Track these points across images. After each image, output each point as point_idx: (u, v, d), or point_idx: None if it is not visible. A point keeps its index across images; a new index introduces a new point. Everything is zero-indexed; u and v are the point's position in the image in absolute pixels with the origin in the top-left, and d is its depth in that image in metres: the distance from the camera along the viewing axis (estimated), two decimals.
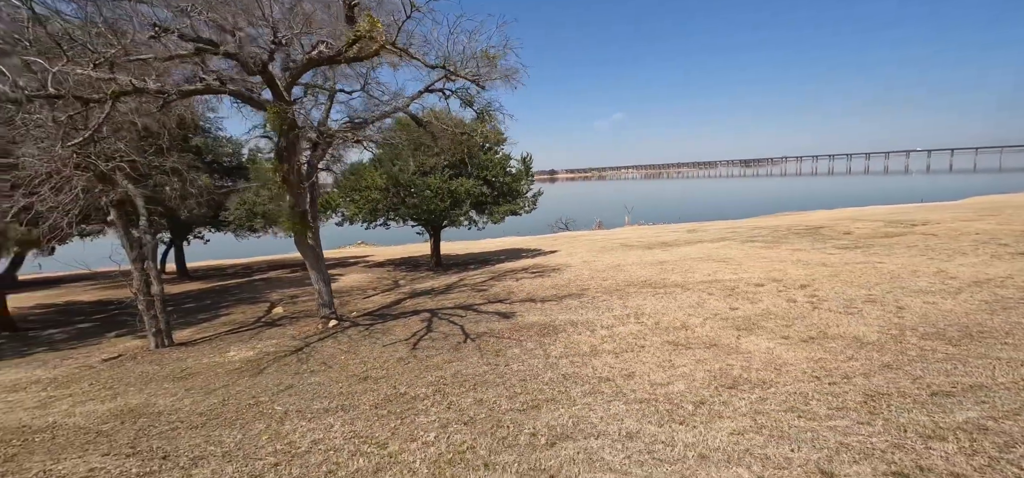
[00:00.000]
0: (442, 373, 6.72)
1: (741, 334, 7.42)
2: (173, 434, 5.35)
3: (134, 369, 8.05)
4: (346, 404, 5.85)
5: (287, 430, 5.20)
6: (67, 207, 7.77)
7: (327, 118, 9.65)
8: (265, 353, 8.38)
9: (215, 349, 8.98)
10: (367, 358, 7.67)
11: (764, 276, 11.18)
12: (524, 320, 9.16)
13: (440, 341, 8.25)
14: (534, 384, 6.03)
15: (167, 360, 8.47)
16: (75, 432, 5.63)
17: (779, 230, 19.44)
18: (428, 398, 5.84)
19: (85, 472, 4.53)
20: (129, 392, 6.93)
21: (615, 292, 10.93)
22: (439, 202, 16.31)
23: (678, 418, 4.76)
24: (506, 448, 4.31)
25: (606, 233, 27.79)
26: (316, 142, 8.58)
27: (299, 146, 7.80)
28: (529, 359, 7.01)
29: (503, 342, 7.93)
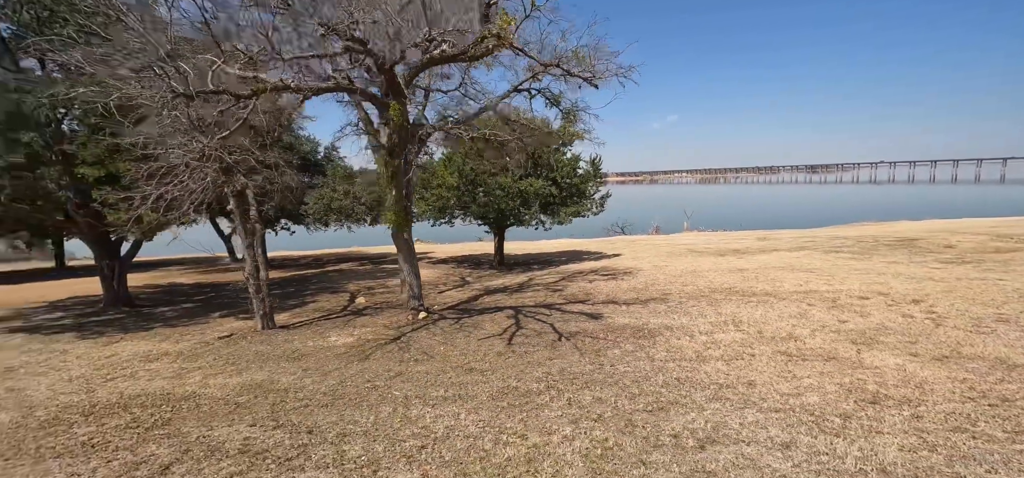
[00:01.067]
0: (547, 369, 6.68)
1: (860, 348, 6.94)
2: (306, 411, 5.60)
3: (248, 348, 8.54)
4: (462, 394, 5.92)
5: (415, 414, 5.31)
6: (197, 196, 8.37)
7: (422, 115, 9.89)
8: (364, 340, 8.66)
9: (316, 334, 9.39)
10: (465, 350, 7.77)
11: (865, 289, 10.44)
12: (614, 322, 8.99)
13: (534, 338, 8.23)
14: (649, 386, 5.88)
15: (275, 341, 8.93)
16: (215, 402, 6.01)
17: (864, 241, 18.16)
18: (544, 393, 5.81)
19: (240, 441, 4.81)
20: (251, 369, 7.35)
21: (701, 298, 10.54)
22: (509, 202, 16.39)
23: (829, 430, 4.47)
24: (653, 448, 4.19)
25: (666, 238, 27.02)
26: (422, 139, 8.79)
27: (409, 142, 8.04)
28: (633, 361, 6.85)
29: (600, 343, 7.80)
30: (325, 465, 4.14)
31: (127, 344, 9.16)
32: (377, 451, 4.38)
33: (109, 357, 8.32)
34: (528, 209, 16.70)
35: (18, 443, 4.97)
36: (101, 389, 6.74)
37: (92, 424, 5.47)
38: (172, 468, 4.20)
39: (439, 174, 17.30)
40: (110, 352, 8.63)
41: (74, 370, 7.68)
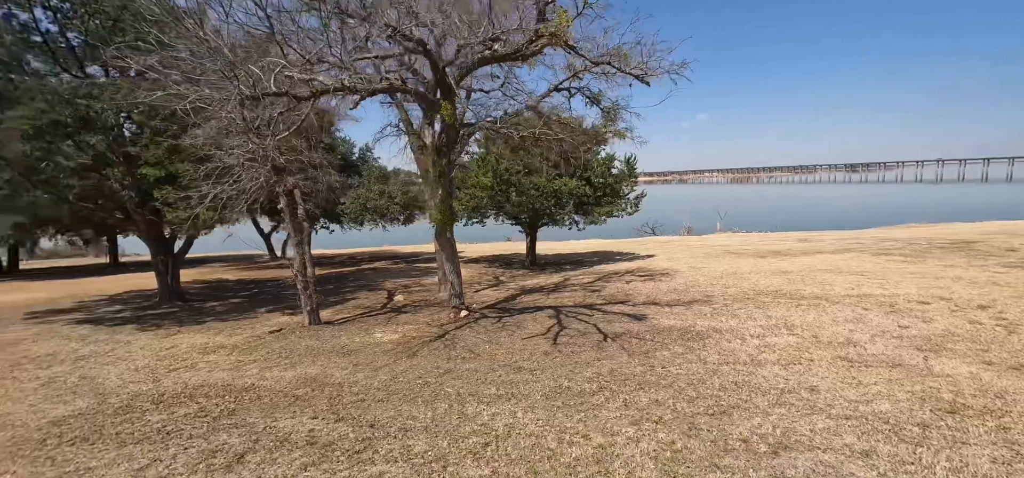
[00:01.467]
0: (597, 370, 6.60)
1: (927, 355, 6.60)
2: (364, 405, 5.70)
3: (298, 342, 8.76)
4: (515, 392, 5.91)
5: (471, 412, 5.33)
6: (250, 195, 8.65)
7: (463, 115, 9.96)
8: (409, 337, 8.77)
9: (361, 330, 9.56)
10: (511, 349, 7.76)
11: (924, 293, 9.94)
12: (659, 323, 8.83)
13: (578, 338, 8.16)
14: (705, 389, 5.73)
15: (323, 336, 9.14)
16: (275, 394, 6.19)
17: (915, 243, 17.31)
18: (597, 393, 5.74)
19: (306, 433, 4.92)
20: (304, 363, 7.54)
21: (747, 301, 10.25)
22: (543, 201, 16.34)
23: (909, 439, 4.26)
24: (724, 452, 4.08)
25: (700, 239, 26.43)
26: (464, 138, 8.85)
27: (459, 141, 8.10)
28: (685, 364, 6.70)
29: (647, 344, 7.67)
30: (393, 459, 4.19)
31: (184, 337, 9.54)
32: (442, 447, 4.41)
33: (169, 349, 8.69)
34: (562, 209, 16.61)
35: (99, 428, 5.23)
36: (166, 379, 7.03)
37: (163, 412, 5.70)
38: (246, 457, 4.34)
39: (473, 174, 17.39)
40: (170, 344, 9.01)
41: (139, 360, 8.05)
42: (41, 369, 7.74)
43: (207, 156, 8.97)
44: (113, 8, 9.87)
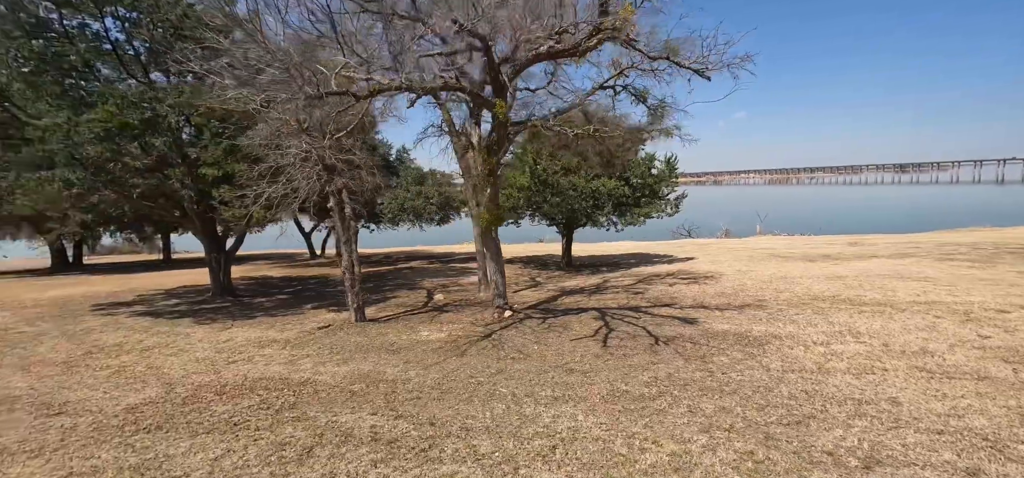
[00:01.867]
0: (653, 373, 6.39)
1: (1017, 368, 6.07)
2: (420, 403, 5.68)
3: (347, 339, 8.88)
4: (571, 395, 5.77)
5: (530, 413, 5.22)
6: (303, 193, 8.84)
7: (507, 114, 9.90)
8: (455, 337, 8.75)
9: (406, 328, 9.62)
10: (560, 351, 7.62)
11: (1002, 302, 9.23)
12: (712, 327, 8.51)
13: (628, 341, 7.94)
14: (774, 397, 5.44)
15: (370, 333, 9.24)
16: (331, 389, 6.25)
17: (981, 248, 16.18)
18: (657, 398, 5.54)
19: (369, 429, 4.93)
20: (355, 359, 7.61)
21: (803, 306, 9.76)
22: (582, 202, 16.12)
23: (1017, 457, 3.89)
24: (811, 465, 3.83)
25: (741, 242, 25.56)
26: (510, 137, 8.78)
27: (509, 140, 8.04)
28: (746, 370, 6.40)
29: (702, 348, 7.39)
30: (461, 459, 4.13)
31: (238, 331, 9.83)
32: (508, 448, 4.32)
33: (226, 342, 8.96)
34: (601, 210, 16.34)
35: (169, 417, 5.39)
36: (226, 371, 7.23)
37: (227, 403, 5.85)
38: (314, 450, 4.37)
39: (510, 174, 17.34)
40: (226, 337, 9.30)
41: (199, 352, 8.33)
42: (111, 358, 8.10)
43: (259, 157, 9.24)
44: (176, 16, 10.30)
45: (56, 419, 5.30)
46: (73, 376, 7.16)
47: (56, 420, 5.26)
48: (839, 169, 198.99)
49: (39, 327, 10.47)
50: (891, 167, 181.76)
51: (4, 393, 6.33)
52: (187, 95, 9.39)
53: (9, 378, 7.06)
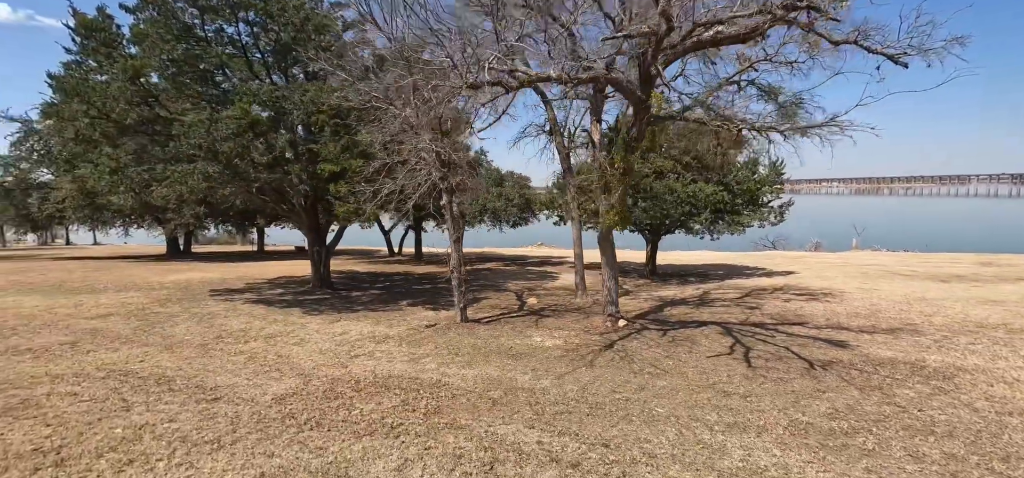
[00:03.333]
0: (830, 404, 5.50)
1: None
2: (571, 417, 5.17)
3: (460, 340, 8.59)
4: (742, 421, 5.03)
5: (709, 439, 4.56)
6: (422, 190, 8.69)
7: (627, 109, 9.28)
8: (574, 345, 8.21)
9: (514, 332, 9.20)
10: (701, 369, 6.87)
11: None
12: (870, 353, 7.40)
13: (776, 363, 7.04)
14: (1007, 445, 4.43)
15: (480, 335, 8.91)
16: (469, 394, 5.89)
17: None
18: (854, 434, 4.69)
19: (535, 443, 4.48)
20: (478, 362, 7.26)
21: (971, 334, 8.35)
22: (677, 207, 15.12)
23: None
24: None
25: (839, 257, 23.23)
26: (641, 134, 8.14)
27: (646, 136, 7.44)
28: (947, 408, 5.36)
29: (871, 377, 6.36)
30: None
31: (348, 324, 9.86)
32: None
33: (341, 335, 8.96)
34: (697, 216, 15.23)
35: (322, 413, 5.22)
36: (352, 365, 7.11)
37: (369, 401, 5.63)
38: (496, 468, 3.96)
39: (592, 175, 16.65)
40: (339, 330, 9.32)
41: (319, 343, 8.34)
42: (240, 344, 8.29)
43: (370, 153, 9.25)
44: (298, 19, 10.60)
45: (215, 406, 5.29)
46: (212, 359, 7.33)
47: (216, 407, 5.24)
48: (942, 178, 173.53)
49: (170, 309, 11.10)
50: (1008, 177, 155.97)
51: (159, 372, 6.52)
52: (312, 93, 9.57)
53: (158, 357, 7.33)
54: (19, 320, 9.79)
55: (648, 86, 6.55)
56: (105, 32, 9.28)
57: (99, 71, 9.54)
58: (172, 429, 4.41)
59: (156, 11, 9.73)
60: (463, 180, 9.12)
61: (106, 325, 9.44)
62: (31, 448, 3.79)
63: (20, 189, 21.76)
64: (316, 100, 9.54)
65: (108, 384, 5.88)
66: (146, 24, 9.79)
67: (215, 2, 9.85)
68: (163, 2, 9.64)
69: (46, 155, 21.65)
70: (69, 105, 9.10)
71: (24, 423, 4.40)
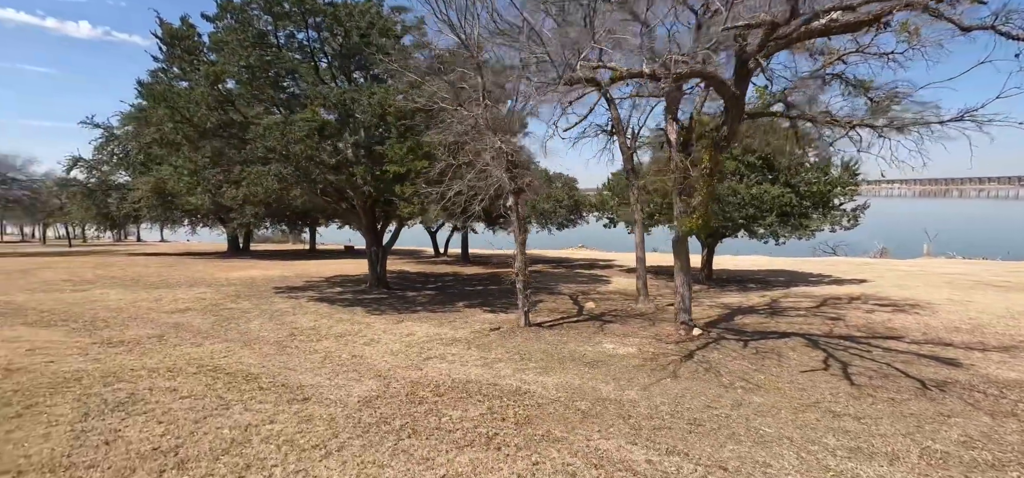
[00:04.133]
0: (962, 431, 4.90)
1: None
2: (671, 433, 4.82)
3: (528, 345, 8.35)
4: (866, 447, 4.53)
5: (835, 466, 4.11)
6: (490, 191, 8.52)
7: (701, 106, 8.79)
8: (650, 354, 7.82)
9: (580, 337, 8.89)
10: (798, 384, 6.34)
11: None
12: (990, 373, 6.64)
13: (880, 381, 6.41)
14: None
15: (547, 339, 8.66)
16: (555, 404, 5.63)
17: None
18: (1005, 467, 4.12)
19: (644, 463, 4.17)
20: (554, 369, 7.00)
21: None
22: (740, 210, 14.36)
23: None
24: None
25: (913, 264, 21.54)
26: None
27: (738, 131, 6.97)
28: None
29: (1003, 402, 5.67)
30: None
31: (412, 325, 9.83)
32: None
33: (408, 335, 8.92)
34: (763, 219, 14.41)
35: (413, 419, 5.10)
36: (427, 368, 7.00)
37: (455, 407, 5.47)
38: None
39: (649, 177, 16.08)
40: (405, 331, 9.30)
41: (388, 344, 8.31)
42: (313, 342, 8.37)
43: (434, 155, 9.16)
44: (364, 24, 10.70)
45: (307, 407, 5.27)
46: (290, 358, 7.40)
47: (308, 408, 5.22)
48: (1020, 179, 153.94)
49: (241, 305, 11.45)
50: None
51: (244, 368, 6.63)
52: (380, 95, 9.61)
53: (239, 353, 7.47)
54: (109, 313, 10.33)
55: (744, 82, 6.09)
56: (188, 40, 9.68)
57: (182, 77, 9.95)
58: (275, 431, 4.39)
59: (234, 19, 10.05)
60: (532, 181, 8.89)
61: (186, 319, 9.80)
62: (150, 447, 3.83)
63: (101, 190, 23.37)
64: (384, 102, 9.57)
65: (201, 380, 5.99)
66: (224, 32, 10.14)
67: (288, 8, 10.08)
68: (241, 10, 9.96)
69: (124, 158, 23.15)
70: (156, 110, 9.53)
71: (136, 419, 4.49)
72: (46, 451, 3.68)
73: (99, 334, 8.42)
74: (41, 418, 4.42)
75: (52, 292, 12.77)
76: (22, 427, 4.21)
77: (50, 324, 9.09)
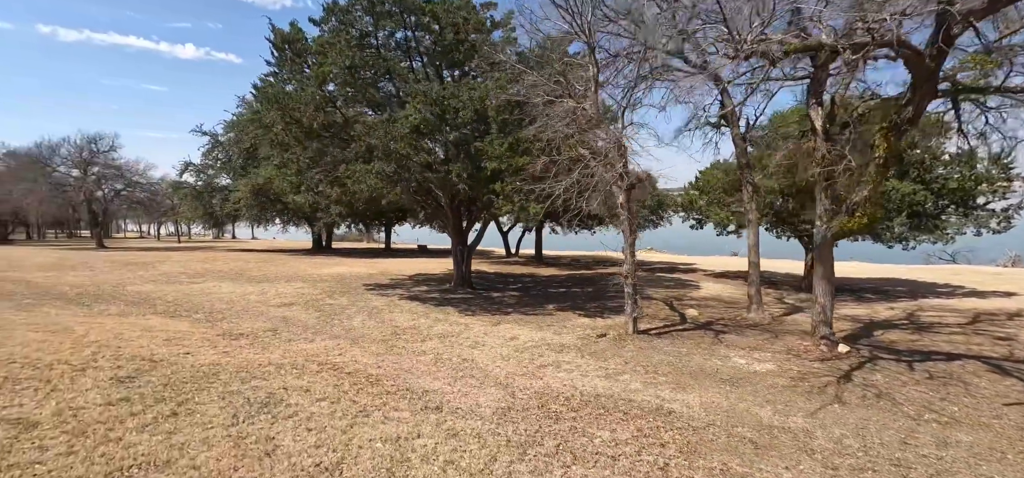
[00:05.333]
0: None
1: None
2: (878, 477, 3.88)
3: (647, 356, 7.56)
4: None
5: None
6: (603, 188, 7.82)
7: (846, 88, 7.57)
8: (791, 371, 6.77)
9: (701, 350, 7.97)
10: (1017, 422, 5.09)
11: None
12: None
13: None
14: None
15: (664, 350, 7.82)
16: (711, 428, 4.82)
17: None
18: None
19: None
20: (689, 385, 6.17)
21: None
22: None
23: None
24: None
25: None
26: None
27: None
28: None
29: None
30: None
31: (511, 327, 9.35)
32: None
33: (511, 339, 8.42)
34: (889, 220, 12.57)
35: (561, 442, 4.51)
36: (547, 377, 6.42)
37: (600, 427, 4.82)
38: None
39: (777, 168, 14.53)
40: (506, 333, 8.82)
41: (494, 347, 7.85)
42: (418, 342, 8.10)
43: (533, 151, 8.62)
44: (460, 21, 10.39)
45: (442, 417, 4.85)
46: (401, 358, 7.12)
47: (443, 420, 4.80)
48: None
49: (338, 301, 11.57)
50: None
51: (361, 368, 6.40)
52: (480, 91, 9.23)
53: (352, 352, 7.30)
54: (223, 304, 10.77)
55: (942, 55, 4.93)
56: (298, 43, 9.86)
57: (290, 80, 10.17)
58: (429, 449, 3.97)
59: (338, 21, 10.13)
60: (646, 176, 8.11)
61: (292, 314, 9.97)
62: (312, 463, 3.53)
63: (207, 192, 25.35)
64: (484, 97, 9.17)
65: (327, 379, 5.80)
66: (329, 33, 10.24)
67: (389, 7, 9.98)
68: (345, 11, 10.01)
69: (227, 163, 24.91)
70: (268, 111, 9.77)
71: (285, 425, 4.27)
72: (211, 461, 3.48)
73: (219, 325, 8.67)
74: (195, 419, 4.31)
75: (172, 284, 13.69)
76: (179, 428, 4.10)
77: (176, 314, 9.55)
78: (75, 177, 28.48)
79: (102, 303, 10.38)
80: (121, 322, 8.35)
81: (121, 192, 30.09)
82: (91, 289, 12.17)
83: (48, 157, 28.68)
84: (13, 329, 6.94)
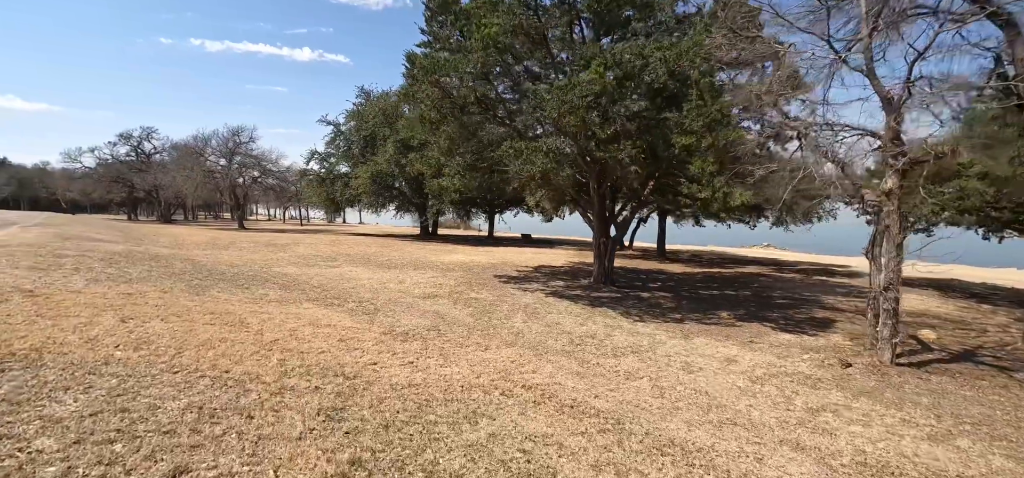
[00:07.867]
0: None
1: None
2: None
3: (953, 405, 5.17)
4: None
5: None
6: None
7: None
8: None
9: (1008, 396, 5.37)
10: None
11: None
12: None
13: None
14: None
15: (951, 392, 5.36)
16: None
17: None
18: None
19: None
20: None
21: None
22: None
23: None
24: None
25: None
26: None
27: None
28: None
29: None
30: None
31: (709, 343, 7.32)
32: None
33: (728, 362, 6.40)
34: None
35: None
36: (841, 437, 4.35)
37: None
38: None
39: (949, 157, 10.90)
40: (713, 352, 6.81)
41: (716, 373, 5.90)
42: (609, 358, 6.38)
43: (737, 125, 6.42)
44: None
45: None
46: (610, 383, 5.42)
47: None
48: None
49: (481, 294, 10.27)
50: None
51: (578, 400, 4.78)
52: (677, 48, 7.19)
53: (543, 368, 5.74)
54: (367, 293, 9.87)
55: None
56: (457, 4, 8.53)
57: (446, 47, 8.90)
58: None
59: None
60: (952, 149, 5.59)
61: (441, 308, 8.77)
62: None
63: (330, 179, 26.10)
64: (683, 56, 7.12)
65: (550, 414, 4.25)
66: None
67: None
68: None
69: (347, 151, 25.37)
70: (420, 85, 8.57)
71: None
72: None
73: (378, 320, 7.63)
74: None
75: (312, 266, 13.42)
76: None
77: (329, 303, 8.75)
78: (222, 165, 31.04)
79: (258, 286, 9.98)
80: (284, 311, 7.61)
81: (257, 179, 32.39)
82: (245, 270, 12.11)
83: (202, 148, 31.54)
84: (193, 320, 6.31)
